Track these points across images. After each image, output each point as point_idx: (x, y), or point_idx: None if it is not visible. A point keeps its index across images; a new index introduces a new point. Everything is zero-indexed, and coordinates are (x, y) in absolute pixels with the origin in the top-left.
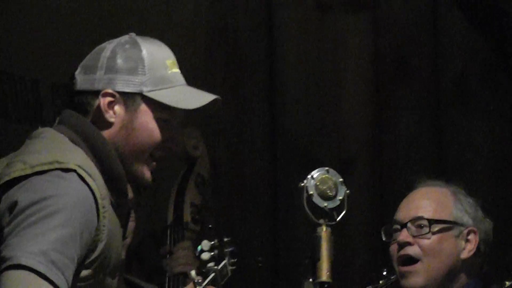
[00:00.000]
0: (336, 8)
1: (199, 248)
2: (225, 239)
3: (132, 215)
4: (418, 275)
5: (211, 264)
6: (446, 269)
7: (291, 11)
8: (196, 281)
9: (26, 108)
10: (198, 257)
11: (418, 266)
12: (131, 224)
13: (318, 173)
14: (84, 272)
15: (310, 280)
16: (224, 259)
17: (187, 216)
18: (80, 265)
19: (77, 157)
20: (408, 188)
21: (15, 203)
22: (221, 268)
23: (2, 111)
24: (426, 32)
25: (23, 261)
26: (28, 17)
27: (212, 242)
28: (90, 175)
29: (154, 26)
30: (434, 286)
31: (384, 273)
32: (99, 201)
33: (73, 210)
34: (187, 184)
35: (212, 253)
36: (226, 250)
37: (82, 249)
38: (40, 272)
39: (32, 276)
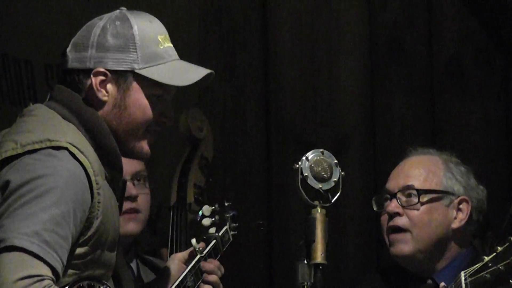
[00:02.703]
0: None
1: (200, 213)
2: (226, 204)
3: (147, 187)
4: (406, 243)
5: (212, 230)
6: (436, 239)
7: None
8: (197, 249)
9: (20, 88)
10: (199, 223)
11: (407, 235)
12: (145, 197)
13: (313, 154)
14: (80, 250)
15: (305, 261)
16: (225, 225)
17: (190, 197)
18: (75, 243)
19: (69, 134)
20: None
21: (6, 183)
22: (222, 234)
23: None
24: (420, 14)
25: (16, 243)
26: (22, 0)
27: (213, 207)
28: (82, 152)
29: (149, 7)
30: (423, 256)
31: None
32: (92, 177)
33: (65, 189)
34: (191, 165)
35: (213, 219)
36: (227, 215)
37: (76, 227)
38: (34, 252)
39: (26, 256)
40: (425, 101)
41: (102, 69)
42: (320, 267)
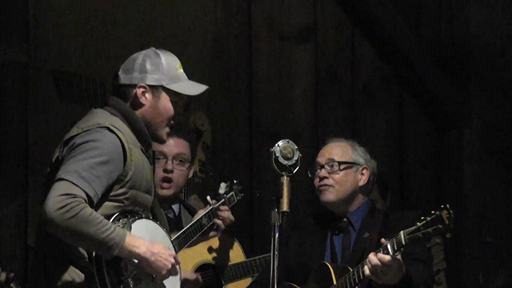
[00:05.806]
0: (291, 39)
1: (219, 187)
2: (235, 181)
3: (184, 166)
4: (331, 193)
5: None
6: (349, 192)
7: (263, 41)
8: (211, 202)
9: (96, 99)
10: (218, 191)
11: (331, 188)
12: (179, 172)
13: (282, 142)
14: (122, 189)
15: (275, 210)
16: (232, 192)
17: (196, 168)
18: (116, 185)
19: (112, 121)
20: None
21: (73, 144)
22: (229, 196)
23: (81, 100)
24: (347, 55)
25: (62, 176)
26: (97, 42)
27: (227, 183)
28: (119, 130)
29: (176, 49)
30: (341, 202)
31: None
32: (125, 145)
33: (102, 148)
34: (196, 148)
35: (226, 189)
36: (235, 186)
37: (110, 172)
38: (72, 182)
39: (67, 184)
40: (349, 111)
41: (143, 84)
42: (285, 214)
